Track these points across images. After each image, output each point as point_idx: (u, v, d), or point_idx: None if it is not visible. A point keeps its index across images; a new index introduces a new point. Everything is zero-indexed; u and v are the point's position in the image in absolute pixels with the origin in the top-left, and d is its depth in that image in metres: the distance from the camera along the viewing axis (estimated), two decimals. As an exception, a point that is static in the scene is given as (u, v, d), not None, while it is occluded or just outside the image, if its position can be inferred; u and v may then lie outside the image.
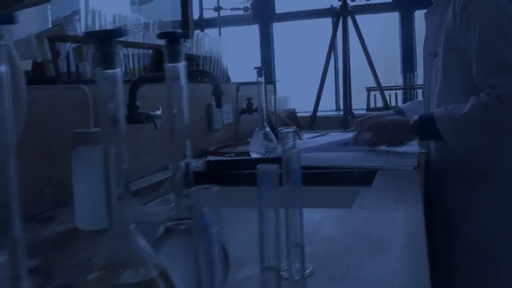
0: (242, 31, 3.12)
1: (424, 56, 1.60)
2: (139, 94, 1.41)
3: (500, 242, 1.41)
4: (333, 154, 1.45)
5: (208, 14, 3.14)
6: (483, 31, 1.33)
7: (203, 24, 3.19)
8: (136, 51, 1.54)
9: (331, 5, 2.81)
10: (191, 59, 1.94)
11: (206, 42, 2.03)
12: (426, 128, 1.43)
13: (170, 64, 0.58)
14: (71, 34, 1.29)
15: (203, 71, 1.29)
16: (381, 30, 3.15)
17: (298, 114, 2.76)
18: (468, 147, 1.41)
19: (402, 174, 1.28)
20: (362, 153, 1.45)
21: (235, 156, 1.68)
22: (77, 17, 1.27)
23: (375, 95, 2.74)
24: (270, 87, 2.96)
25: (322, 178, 1.41)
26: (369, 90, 2.76)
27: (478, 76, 1.35)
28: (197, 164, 1.58)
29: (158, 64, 1.62)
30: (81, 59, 1.30)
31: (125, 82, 1.38)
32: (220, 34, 2.95)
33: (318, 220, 0.88)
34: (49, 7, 1.81)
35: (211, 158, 1.69)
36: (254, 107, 2.14)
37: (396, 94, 2.83)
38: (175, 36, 0.57)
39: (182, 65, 0.59)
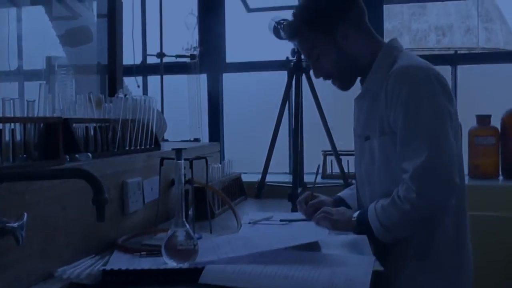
0: (190, 80, 2.82)
1: (355, 139, 1.64)
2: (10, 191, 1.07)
3: None
4: (258, 270, 1.13)
5: (153, 59, 2.83)
6: (408, 113, 1.37)
7: (146, 70, 2.87)
8: (15, 124, 1.20)
9: (287, 57, 2.54)
10: (106, 124, 1.61)
11: (129, 103, 1.70)
12: (362, 224, 1.48)
13: None
14: None
15: (80, 171, 0.95)
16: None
17: (247, 179, 2.43)
18: (394, 238, 1.45)
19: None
20: (299, 272, 1.13)
21: (145, 256, 1.34)
22: None
23: (331, 160, 2.44)
24: (217, 146, 2.65)
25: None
26: (325, 154, 2.46)
27: (398, 160, 1.41)
28: (92, 271, 1.22)
29: (49, 142, 1.28)
30: None
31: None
32: (162, 83, 2.64)
33: None
34: None
35: (116, 257, 1.35)
36: (186, 178, 1.81)
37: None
38: None
39: None
